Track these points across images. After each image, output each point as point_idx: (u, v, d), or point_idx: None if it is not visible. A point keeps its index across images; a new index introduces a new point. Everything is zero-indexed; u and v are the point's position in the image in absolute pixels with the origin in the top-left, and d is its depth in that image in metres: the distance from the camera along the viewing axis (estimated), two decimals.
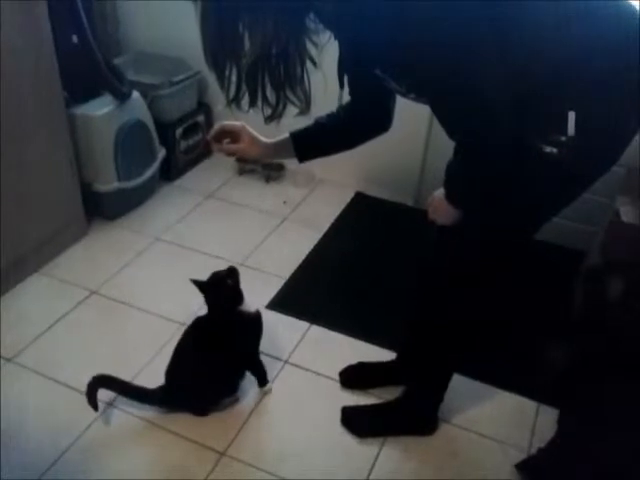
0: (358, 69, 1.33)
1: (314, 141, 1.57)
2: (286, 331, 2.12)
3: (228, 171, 3.00)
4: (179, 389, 1.78)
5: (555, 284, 2.36)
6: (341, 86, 1.38)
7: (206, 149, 3.00)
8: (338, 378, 1.95)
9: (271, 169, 2.94)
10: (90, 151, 2.44)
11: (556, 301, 2.28)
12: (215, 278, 1.71)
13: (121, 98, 2.45)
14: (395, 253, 2.52)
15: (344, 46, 1.28)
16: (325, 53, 1.19)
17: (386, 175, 2.84)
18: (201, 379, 1.74)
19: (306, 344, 2.09)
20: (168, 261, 2.43)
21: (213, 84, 1.22)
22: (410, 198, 2.84)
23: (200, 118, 2.99)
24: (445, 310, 1.55)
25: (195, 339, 1.77)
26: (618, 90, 1.17)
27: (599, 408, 1.56)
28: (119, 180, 2.53)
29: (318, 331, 2.14)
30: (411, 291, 1.74)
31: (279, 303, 2.24)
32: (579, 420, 1.64)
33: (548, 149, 1.20)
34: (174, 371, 1.77)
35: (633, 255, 1.86)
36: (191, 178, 2.99)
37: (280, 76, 1.15)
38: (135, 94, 2.53)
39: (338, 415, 1.83)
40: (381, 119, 1.54)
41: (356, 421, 1.82)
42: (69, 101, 2.34)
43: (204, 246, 2.50)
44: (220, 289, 1.69)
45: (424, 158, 2.73)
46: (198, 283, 1.69)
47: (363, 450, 1.76)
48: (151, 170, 2.69)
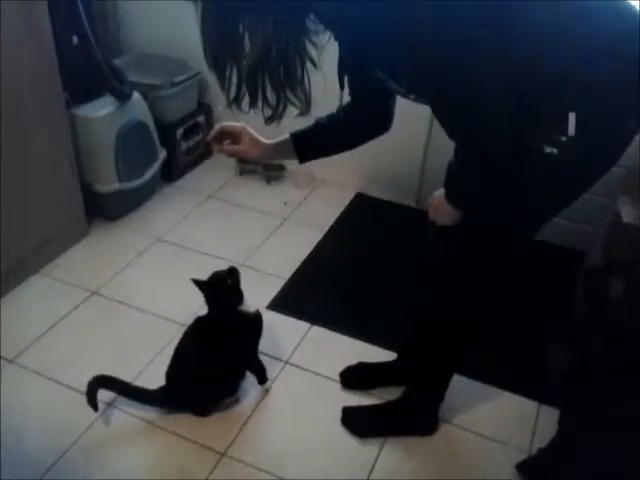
0: (358, 70, 1.33)
1: (314, 142, 1.57)
2: (286, 331, 2.12)
3: (229, 172, 3.00)
4: (180, 389, 1.78)
5: (556, 284, 2.36)
6: (341, 87, 1.38)
7: (208, 149, 3.00)
8: (338, 378, 1.95)
9: (272, 170, 2.94)
10: (91, 152, 2.44)
11: (557, 301, 2.28)
12: (215, 278, 1.71)
13: (122, 99, 2.45)
14: (395, 253, 2.51)
15: (344, 47, 1.28)
16: (325, 54, 1.20)
17: (386, 176, 2.84)
18: (201, 379, 1.74)
19: (306, 344, 2.09)
20: (169, 262, 2.43)
21: (214, 85, 1.22)
22: (410, 199, 2.84)
23: (201, 119, 2.99)
24: (445, 310, 1.55)
25: (195, 339, 1.77)
26: (618, 90, 1.17)
27: (600, 408, 1.55)
28: (120, 181, 2.53)
29: (318, 331, 2.14)
30: (411, 291, 1.74)
31: (280, 304, 2.24)
32: (580, 421, 1.64)
33: (548, 149, 1.20)
34: (174, 371, 1.77)
35: (634, 255, 1.86)
36: (192, 179, 2.99)
37: (280, 77, 1.15)
38: (136, 95, 2.53)
39: (338, 415, 1.83)
40: (381, 119, 1.54)
41: (356, 421, 1.82)
42: (70, 102, 2.34)
43: (205, 247, 2.50)
44: (220, 289, 1.69)
45: (424, 159, 2.73)
46: (198, 283, 1.69)
47: (363, 450, 1.76)
48: (152, 171, 2.69)
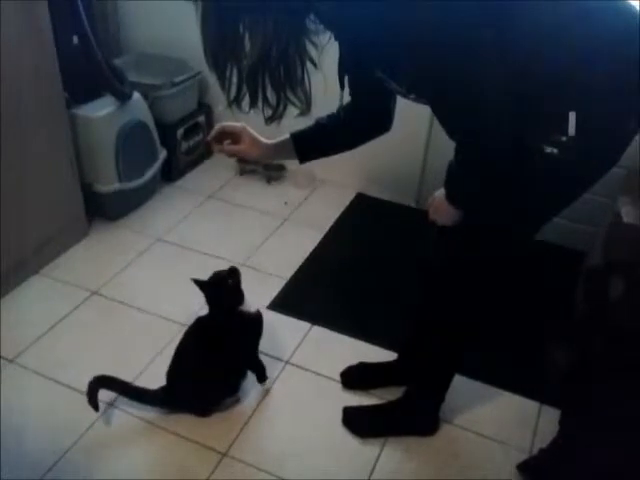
0: (358, 70, 1.33)
1: (315, 142, 1.57)
2: (287, 332, 2.12)
3: (229, 172, 3.00)
4: (180, 389, 1.78)
5: (556, 284, 2.35)
6: (341, 87, 1.38)
7: (208, 149, 3.00)
8: (339, 378, 1.95)
9: (272, 170, 2.94)
10: (91, 152, 2.44)
11: (557, 301, 2.27)
12: (216, 278, 1.71)
13: (122, 99, 2.45)
14: (396, 253, 2.51)
15: (344, 47, 1.28)
16: (325, 54, 1.20)
17: (387, 176, 2.84)
18: (202, 379, 1.73)
19: (307, 345, 2.09)
20: (169, 262, 2.43)
21: (214, 85, 1.22)
22: (411, 199, 2.84)
23: (201, 119, 2.99)
24: (446, 310, 1.55)
25: (196, 339, 1.76)
26: (618, 90, 1.17)
27: (600, 409, 1.55)
28: (120, 181, 2.53)
29: (319, 332, 2.14)
30: (411, 291, 1.74)
31: (280, 304, 2.24)
32: (580, 421, 1.64)
33: (549, 149, 1.20)
34: (175, 371, 1.77)
35: (634, 255, 1.86)
36: (192, 179, 2.99)
37: (280, 77, 1.15)
38: (136, 95, 2.53)
39: (339, 415, 1.83)
40: (382, 119, 1.54)
41: (357, 421, 1.82)
42: (70, 102, 2.34)
43: (205, 247, 2.50)
44: (221, 289, 1.69)
45: (425, 159, 2.73)
46: (199, 283, 1.69)
47: (364, 450, 1.76)
48: (152, 171, 2.69)
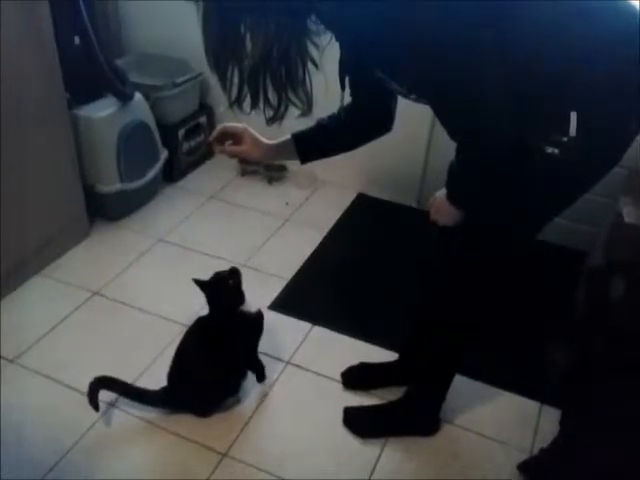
0: (359, 70, 1.33)
1: (316, 142, 1.57)
2: (288, 332, 2.12)
3: (230, 172, 3.01)
4: (181, 390, 1.78)
5: (557, 284, 2.35)
6: (342, 87, 1.38)
7: (209, 150, 3.00)
8: (340, 379, 1.95)
9: (273, 170, 2.94)
10: (92, 152, 2.44)
11: (558, 301, 2.27)
12: (217, 278, 1.71)
13: (123, 99, 2.46)
14: (397, 254, 2.51)
15: (345, 47, 1.28)
16: (326, 54, 1.20)
17: (388, 176, 2.84)
18: (203, 380, 1.74)
19: (308, 345, 2.09)
20: (170, 262, 2.43)
21: (215, 85, 1.22)
22: (412, 199, 2.84)
23: (202, 119, 2.99)
24: (446, 310, 1.55)
25: (197, 340, 1.77)
26: (619, 90, 1.17)
27: (601, 409, 1.55)
28: (121, 181, 2.53)
29: (320, 332, 2.14)
30: (412, 292, 1.74)
31: (281, 304, 2.24)
32: (581, 421, 1.64)
33: (549, 149, 1.20)
34: (176, 372, 1.77)
35: (635, 256, 1.86)
36: (193, 179, 2.99)
37: (282, 78, 1.15)
38: (137, 95, 2.53)
39: (340, 416, 1.83)
40: (383, 120, 1.54)
41: (358, 422, 1.82)
42: (71, 102, 2.34)
43: (206, 247, 2.50)
44: (222, 289, 1.70)
45: (426, 159, 2.73)
46: (200, 283, 1.70)
47: (365, 451, 1.76)
48: (153, 171, 2.70)
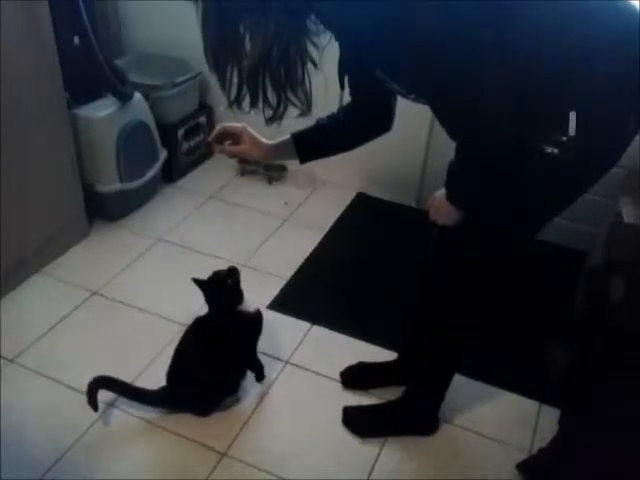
0: (358, 70, 1.33)
1: (315, 142, 1.57)
2: (287, 331, 2.12)
3: (230, 172, 3.01)
4: (180, 390, 1.78)
5: (556, 284, 2.36)
6: (342, 87, 1.38)
7: (209, 149, 3.00)
8: (339, 378, 1.95)
9: (273, 170, 2.94)
10: (92, 152, 2.44)
11: (557, 301, 2.27)
12: (216, 277, 1.71)
13: (123, 99, 2.46)
14: (396, 253, 2.51)
15: (344, 47, 1.28)
16: (326, 54, 1.20)
17: (387, 176, 2.84)
18: (202, 379, 1.74)
19: (307, 344, 2.09)
20: (170, 262, 2.43)
21: (215, 85, 1.22)
22: (411, 199, 2.84)
23: (202, 119, 2.99)
24: (446, 310, 1.55)
25: (195, 339, 1.77)
26: (618, 90, 1.17)
27: (600, 408, 1.55)
28: (121, 181, 2.53)
29: (319, 331, 2.14)
30: (412, 291, 1.74)
31: (280, 303, 2.24)
32: (580, 421, 1.64)
33: (549, 149, 1.20)
34: (175, 372, 1.77)
35: (635, 256, 1.86)
36: (193, 179, 2.99)
37: (281, 77, 1.15)
38: (137, 95, 2.53)
39: (339, 415, 1.83)
40: (382, 119, 1.54)
41: (357, 421, 1.82)
42: (71, 102, 2.34)
43: (206, 247, 2.50)
44: (220, 288, 1.70)
45: (425, 158, 2.73)
46: (199, 282, 1.70)
47: (364, 450, 1.76)
48: (153, 171, 2.70)
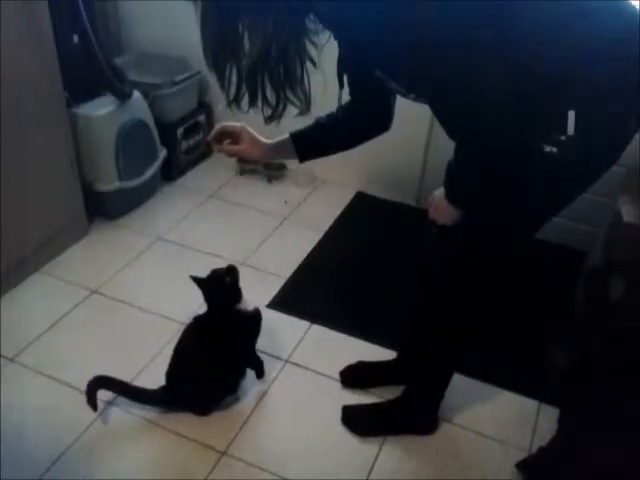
0: (358, 69, 1.33)
1: (314, 141, 1.57)
2: (287, 330, 2.12)
3: (229, 171, 3.01)
4: (180, 389, 1.78)
5: (556, 284, 2.36)
6: (341, 86, 1.38)
7: (208, 148, 3.00)
8: (339, 377, 1.95)
9: (272, 169, 2.94)
10: (91, 151, 2.44)
11: (557, 301, 2.28)
12: (214, 275, 1.71)
13: (122, 98, 2.45)
14: (396, 253, 2.51)
15: (344, 46, 1.28)
16: (325, 53, 1.20)
17: (387, 175, 2.84)
18: (201, 378, 1.74)
19: (307, 343, 2.09)
20: (169, 261, 2.43)
21: (214, 84, 1.22)
22: (411, 198, 2.84)
23: (201, 118, 2.99)
24: (446, 310, 1.55)
25: (194, 338, 1.76)
26: (618, 90, 1.17)
27: (600, 408, 1.55)
28: (120, 180, 2.53)
29: (319, 330, 2.14)
30: (411, 291, 1.74)
31: (280, 302, 2.24)
32: (580, 420, 1.64)
33: (548, 148, 1.20)
34: (174, 371, 1.77)
35: (634, 255, 1.86)
36: (192, 178, 2.99)
37: (280, 76, 1.15)
38: (136, 94, 2.53)
39: (338, 414, 1.83)
40: (381, 118, 1.54)
41: (356, 420, 1.82)
42: (70, 101, 2.34)
43: (205, 246, 2.50)
44: (219, 286, 1.69)
45: (425, 158, 2.73)
46: (197, 280, 1.69)
47: (363, 449, 1.76)
48: (152, 170, 2.70)
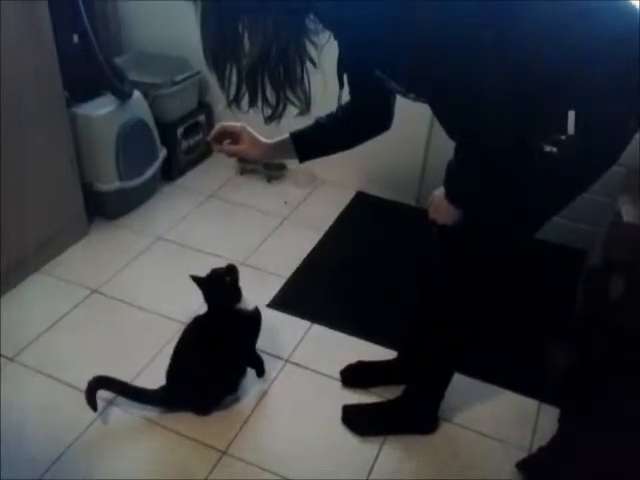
0: (358, 69, 1.33)
1: (314, 141, 1.57)
2: (287, 330, 2.12)
3: (229, 171, 3.01)
4: (180, 389, 1.78)
5: (556, 284, 2.36)
6: (340, 85, 1.38)
7: (208, 148, 3.00)
8: (339, 377, 1.95)
9: (272, 169, 2.94)
10: (91, 151, 2.44)
11: (557, 301, 2.28)
12: (214, 275, 1.71)
13: (122, 98, 2.45)
14: (396, 252, 2.52)
15: (344, 46, 1.28)
16: (325, 53, 1.20)
17: (387, 175, 2.84)
18: (202, 378, 1.74)
19: (307, 343, 2.09)
20: (169, 260, 2.43)
21: (214, 84, 1.22)
22: (411, 197, 2.84)
23: (201, 118, 2.99)
24: (446, 310, 1.55)
25: (194, 338, 1.77)
26: (618, 90, 1.17)
27: (600, 408, 1.55)
28: (120, 180, 2.53)
29: (319, 330, 2.14)
30: (411, 290, 1.74)
31: (280, 302, 2.24)
32: (580, 420, 1.64)
33: (548, 148, 1.20)
34: (175, 371, 1.77)
35: (634, 255, 1.86)
36: (192, 178, 2.99)
37: (280, 76, 1.15)
38: (136, 94, 2.53)
39: (339, 414, 1.83)
40: (381, 118, 1.54)
41: (357, 420, 1.82)
42: (70, 101, 2.34)
43: (205, 246, 2.50)
44: (218, 286, 1.69)
45: (425, 157, 2.73)
46: (197, 279, 1.70)
47: (364, 449, 1.76)
48: (152, 170, 2.70)
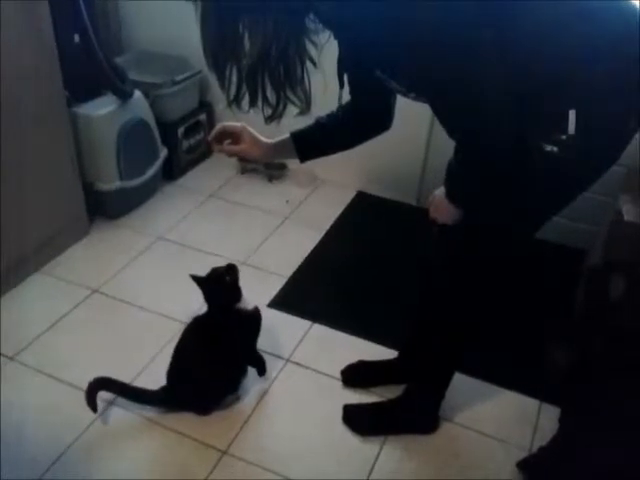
0: (358, 69, 1.33)
1: (315, 141, 1.57)
2: (288, 329, 2.12)
3: (230, 170, 3.01)
4: (181, 389, 1.78)
5: (557, 283, 2.36)
6: (341, 85, 1.38)
7: (209, 148, 3.00)
8: (340, 376, 1.95)
9: (273, 169, 2.94)
10: (92, 150, 2.44)
11: (558, 300, 2.27)
12: (214, 274, 1.71)
13: (123, 97, 2.46)
14: (396, 252, 2.52)
15: (344, 46, 1.28)
16: (325, 53, 1.20)
17: (388, 174, 2.84)
18: (202, 378, 1.74)
19: (308, 342, 2.09)
20: (170, 260, 2.43)
21: (215, 83, 1.22)
22: (411, 197, 2.84)
23: (202, 117, 2.99)
24: (446, 309, 1.55)
25: (195, 338, 1.77)
26: (619, 89, 1.17)
27: (600, 408, 1.55)
28: (121, 179, 2.53)
29: (320, 330, 2.14)
30: (412, 290, 1.74)
31: (281, 302, 2.24)
32: (580, 420, 1.64)
33: (548, 148, 1.20)
34: (175, 371, 1.77)
35: (635, 254, 1.86)
36: (193, 177, 2.99)
37: (280, 76, 1.15)
38: (137, 93, 2.53)
39: (339, 413, 1.83)
40: (382, 118, 1.54)
41: (357, 419, 1.82)
42: (71, 100, 2.34)
43: (206, 245, 2.50)
44: (218, 285, 1.69)
45: (425, 157, 2.73)
46: (197, 279, 1.70)
47: (364, 449, 1.76)
48: (153, 169, 2.70)
